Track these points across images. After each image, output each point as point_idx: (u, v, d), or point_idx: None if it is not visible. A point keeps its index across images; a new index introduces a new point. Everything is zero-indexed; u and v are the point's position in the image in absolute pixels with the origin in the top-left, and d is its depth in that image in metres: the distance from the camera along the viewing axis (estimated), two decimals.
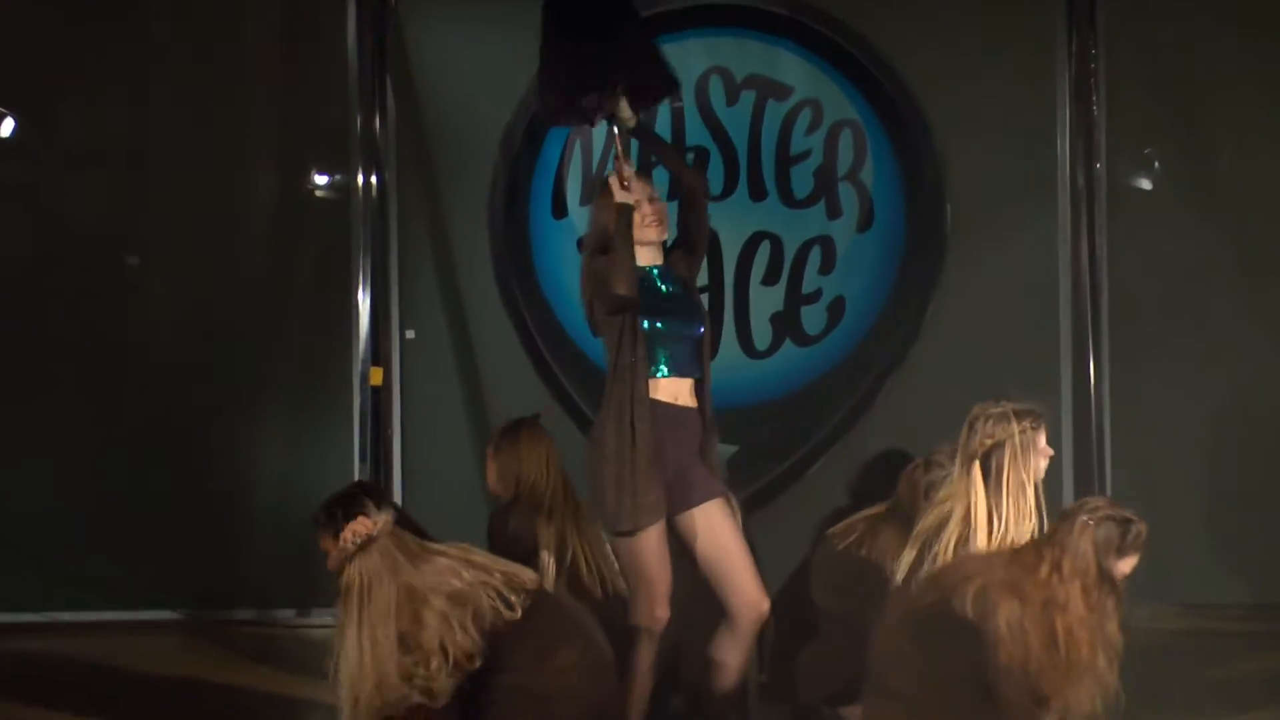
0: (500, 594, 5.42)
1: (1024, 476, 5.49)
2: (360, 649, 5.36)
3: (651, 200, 5.89)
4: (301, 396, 8.85)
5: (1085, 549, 5.17)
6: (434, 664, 5.38)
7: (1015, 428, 5.53)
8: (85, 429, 8.81)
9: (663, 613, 5.83)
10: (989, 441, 5.51)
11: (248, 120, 8.92)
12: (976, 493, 5.53)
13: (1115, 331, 8.65)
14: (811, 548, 6.83)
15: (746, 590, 5.79)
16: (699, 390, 5.89)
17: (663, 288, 5.93)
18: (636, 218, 5.83)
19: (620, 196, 5.87)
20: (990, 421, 5.56)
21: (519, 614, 5.43)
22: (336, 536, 5.76)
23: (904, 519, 6.28)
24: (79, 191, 8.94)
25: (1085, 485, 8.46)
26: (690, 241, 6.01)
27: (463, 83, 8.72)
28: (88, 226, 8.93)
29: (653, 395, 5.82)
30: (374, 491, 5.98)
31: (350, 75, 8.78)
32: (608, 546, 6.30)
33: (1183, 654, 7.09)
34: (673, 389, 5.87)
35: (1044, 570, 5.22)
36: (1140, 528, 5.22)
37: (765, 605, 5.82)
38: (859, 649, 5.72)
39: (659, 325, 5.85)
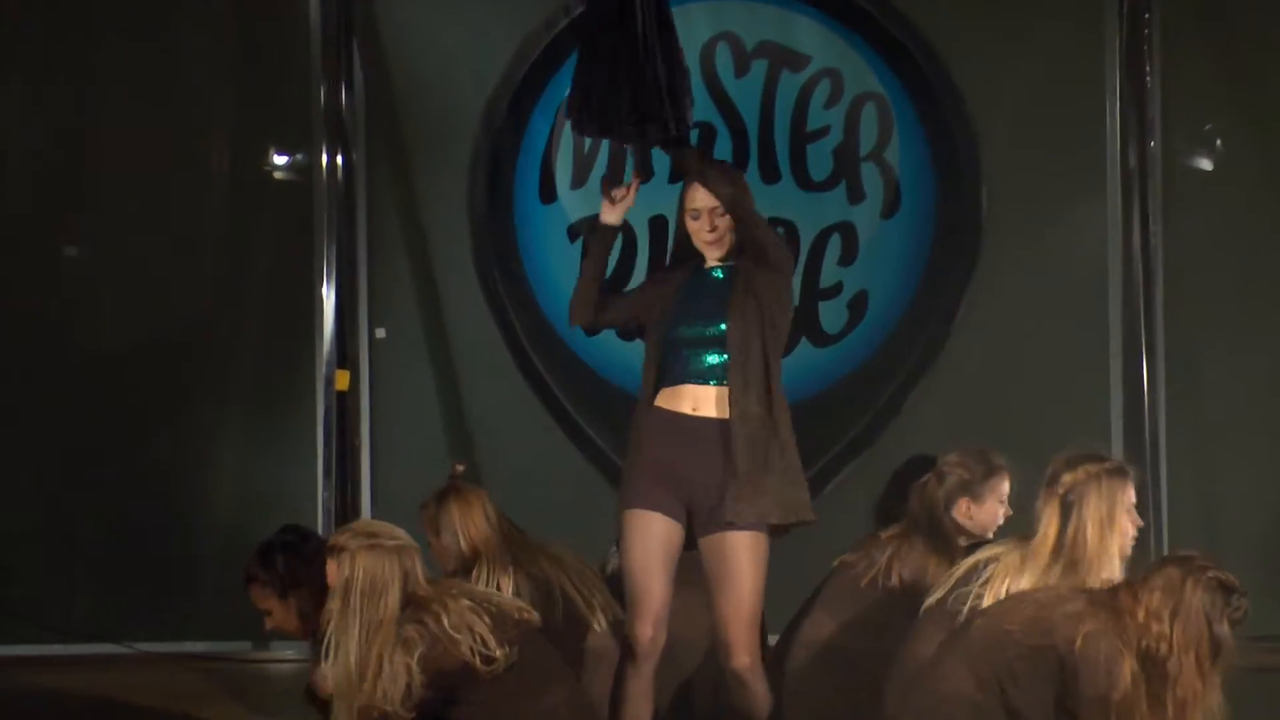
0: (484, 642, 5.36)
1: (1106, 531, 5.57)
2: (361, 656, 5.34)
3: (716, 214, 5.78)
4: (258, 403, 8.70)
5: (1196, 610, 5.14)
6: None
7: (1096, 468, 5.59)
8: (14, 440, 8.68)
9: (644, 632, 5.66)
10: (1062, 489, 5.58)
11: (198, 94, 8.73)
12: (1049, 529, 5.58)
13: (1171, 328, 8.46)
14: (824, 579, 6.60)
15: (723, 640, 5.68)
16: (733, 390, 5.72)
17: (717, 289, 5.81)
18: (696, 227, 5.77)
19: (607, 215, 5.82)
20: (1069, 465, 5.61)
21: (499, 666, 5.35)
22: (281, 591, 5.85)
23: (928, 535, 6.26)
24: (10, 172, 8.77)
25: (1139, 501, 7.87)
26: (745, 248, 5.81)
27: (439, 50, 8.62)
28: (18, 211, 8.77)
29: (668, 404, 5.76)
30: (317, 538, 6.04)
31: (313, 42, 8.64)
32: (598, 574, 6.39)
33: (1253, 693, 6.46)
34: (693, 397, 5.75)
35: (1141, 615, 5.16)
36: (1245, 603, 5.21)
37: (739, 661, 5.66)
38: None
39: (684, 330, 5.77)
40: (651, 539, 5.65)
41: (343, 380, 8.49)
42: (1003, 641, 5.19)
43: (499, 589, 6.02)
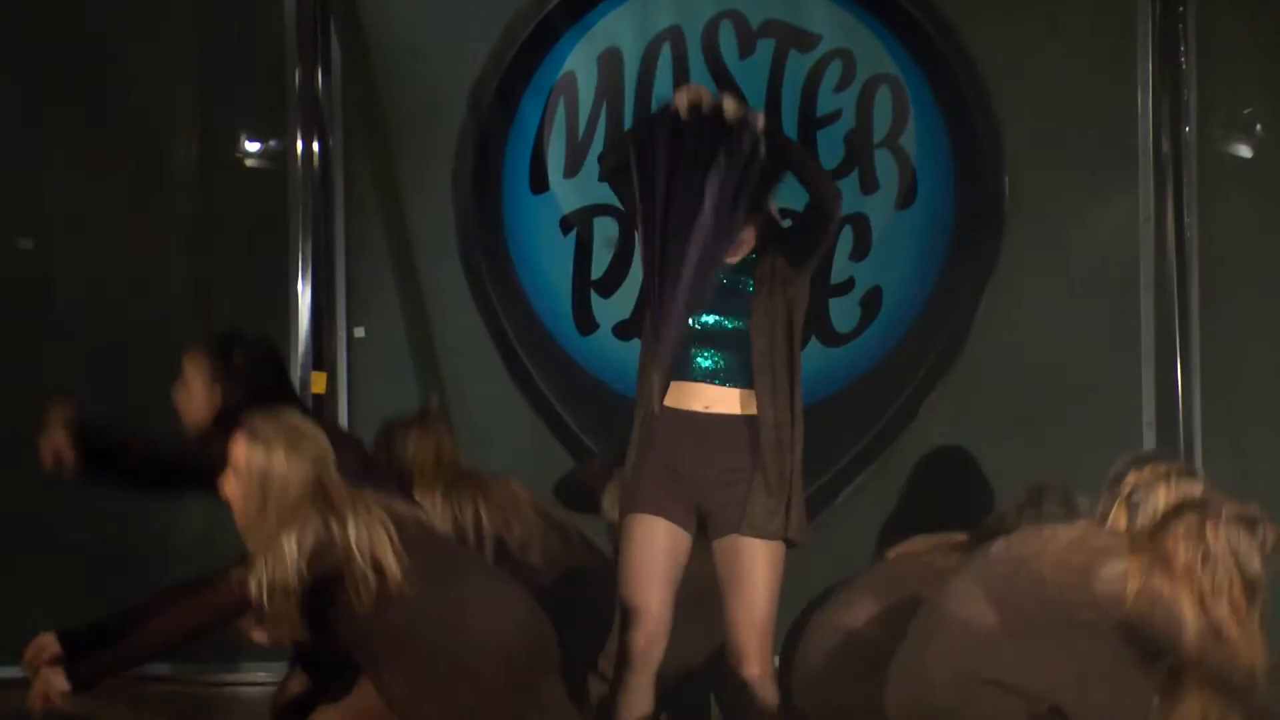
0: (379, 565, 5.44)
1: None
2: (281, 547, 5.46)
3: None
4: None
5: (1223, 552, 5.12)
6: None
7: (1165, 468, 5.47)
8: None
9: (637, 642, 5.63)
10: (1126, 488, 5.47)
11: (164, 76, 8.67)
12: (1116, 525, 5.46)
13: (1207, 325, 8.40)
14: (870, 565, 6.53)
15: (736, 644, 5.66)
16: (760, 396, 5.72)
17: (739, 281, 5.77)
18: None
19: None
20: (1134, 464, 5.56)
21: (392, 590, 5.42)
22: (213, 374, 6.02)
23: None
24: None
25: None
26: (796, 249, 5.78)
27: (423, 29, 8.58)
28: None
29: (677, 402, 5.72)
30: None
31: (287, 21, 8.57)
32: (532, 510, 6.66)
33: None
34: (705, 395, 5.72)
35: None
36: (1274, 531, 5.19)
37: (750, 670, 5.65)
38: None
39: (697, 323, 5.73)
40: (655, 547, 5.62)
41: (319, 383, 8.41)
42: (1031, 579, 5.15)
43: None
